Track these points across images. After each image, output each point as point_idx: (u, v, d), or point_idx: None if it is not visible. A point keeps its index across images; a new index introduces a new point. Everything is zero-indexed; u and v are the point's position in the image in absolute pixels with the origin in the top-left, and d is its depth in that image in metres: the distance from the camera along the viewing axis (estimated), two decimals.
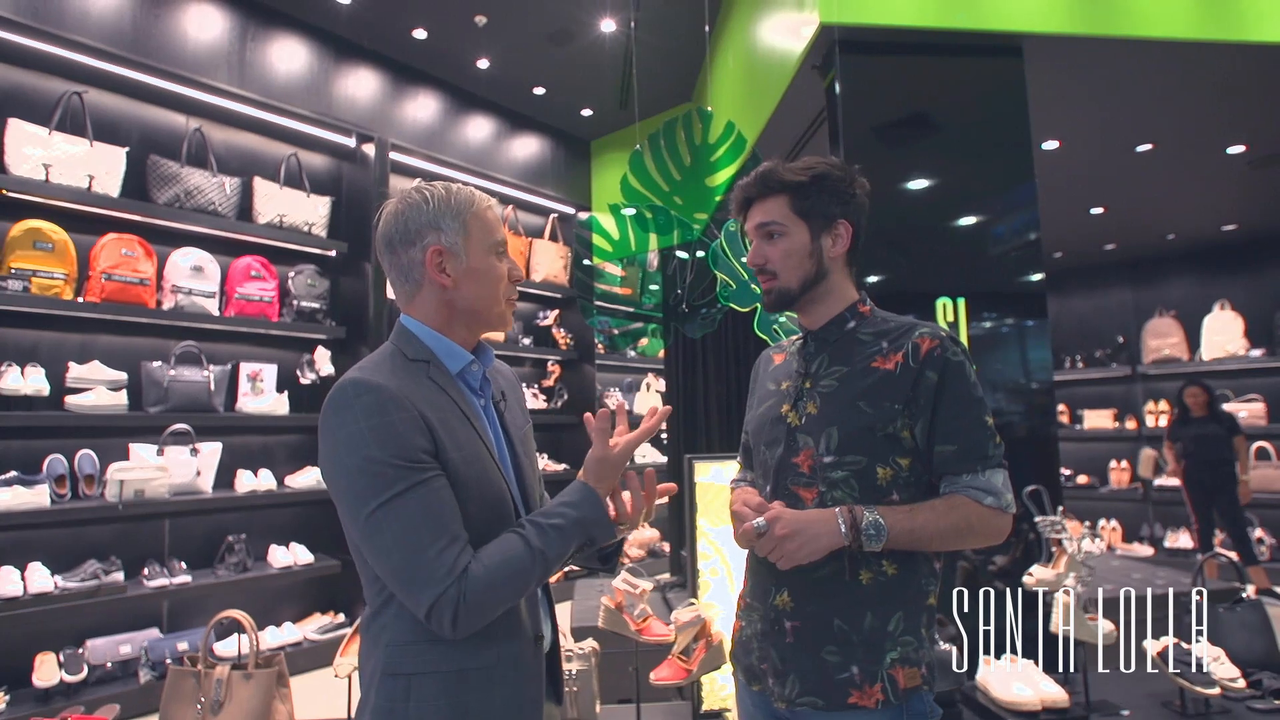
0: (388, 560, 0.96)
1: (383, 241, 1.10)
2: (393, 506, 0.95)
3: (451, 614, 0.93)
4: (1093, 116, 3.77)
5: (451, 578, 0.94)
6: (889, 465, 1.14)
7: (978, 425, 1.13)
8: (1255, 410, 6.14)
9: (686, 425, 4.76)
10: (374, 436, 0.96)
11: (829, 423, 1.15)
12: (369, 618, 1.05)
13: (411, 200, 1.09)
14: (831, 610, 1.12)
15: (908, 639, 1.11)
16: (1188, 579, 4.11)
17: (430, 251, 1.06)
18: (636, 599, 2.12)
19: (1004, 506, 1.13)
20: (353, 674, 2.07)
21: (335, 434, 0.99)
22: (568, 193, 5.71)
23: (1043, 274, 2.86)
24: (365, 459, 0.96)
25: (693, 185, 2.59)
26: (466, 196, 1.10)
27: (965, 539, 1.13)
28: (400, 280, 1.11)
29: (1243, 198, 5.30)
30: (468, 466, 1.02)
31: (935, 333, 1.16)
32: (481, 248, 1.09)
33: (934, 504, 1.12)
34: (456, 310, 1.09)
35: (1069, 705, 2.08)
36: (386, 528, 0.95)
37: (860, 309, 1.24)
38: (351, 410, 0.98)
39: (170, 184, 3.52)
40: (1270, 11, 2.94)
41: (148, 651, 3.18)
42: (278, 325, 3.91)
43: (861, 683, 1.09)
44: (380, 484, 0.95)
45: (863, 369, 1.17)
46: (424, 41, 4.40)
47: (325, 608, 4.02)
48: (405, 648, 1.01)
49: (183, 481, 3.45)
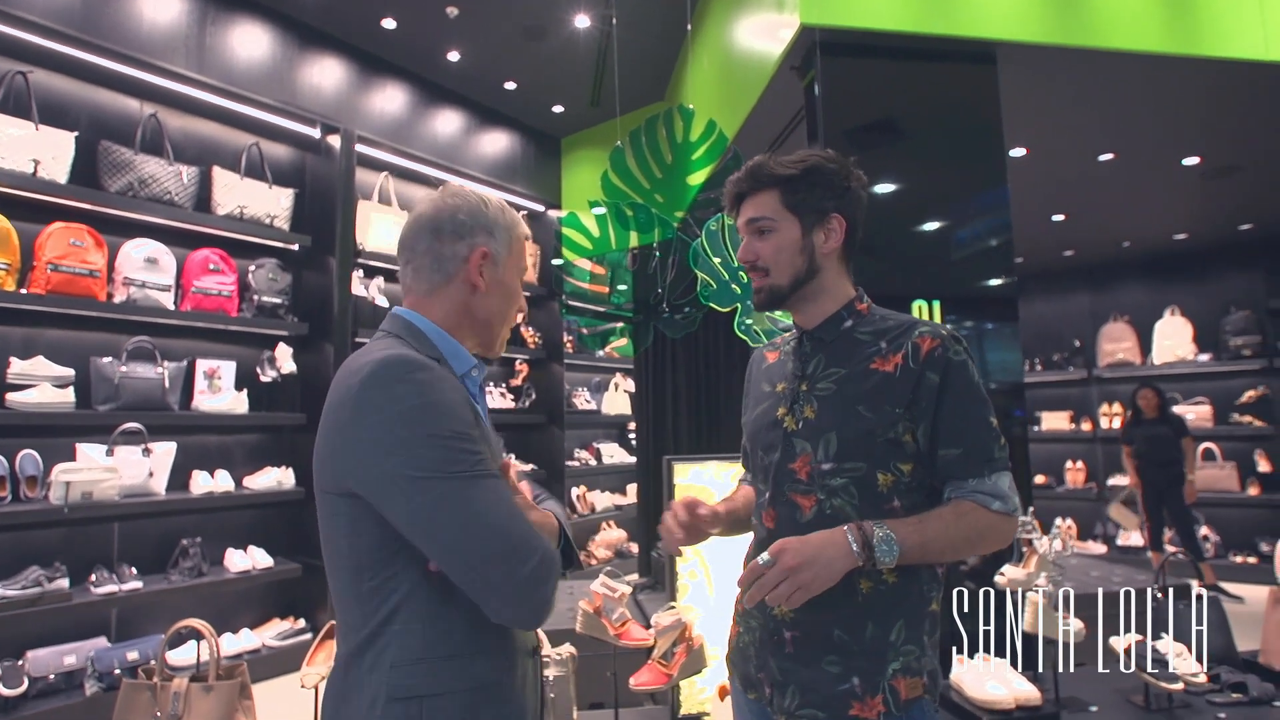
0: (471, 528, 0.88)
1: (429, 226, 1.06)
2: (475, 481, 0.90)
3: (551, 581, 0.91)
4: (1059, 125, 3.86)
5: (543, 543, 0.92)
6: (890, 471, 1.10)
7: (982, 427, 1.10)
8: (1202, 413, 6.39)
9: (656, 426, 4.74)
10: (437, 412, 0.91)
11: (827, 428, 1.11)
12: (362, 641, 0.94)
13: (470, 199, 1.09)
14: (832, 621, 1.08)
15: (910, 648, 1.09)
16: (1141, 576, 4.25)
17: (479, 251, 1.06)
18: (615, 603, 2.08)
19: (1011, 511, 1.09)
20: (319, 684, 1.99)
21: (382, 412, 0.90)
22: (538, 190, 5.64)
23: (1014, 278, 2.90)
24: (434, 434, 0.90)
25: (673, 183, 2.56)
26: (515, 217, 1.13)
27: (975, 547, 1.10)
28: (429, 270, 1.06)
29: (1194, 208, 5.50)
30: (493, 464, 1.00)
31: (936, 331, 1.11)
32: (516, 267, 1.11)
33: (941, 513, 1.08)
34: (474, 318, 1.08)
35: (1041, 703, 2.11)
36: (470, 496, 0.89)
37: (858, 307, 1.20)
38: (406, 384, 0.91)
39: (123, 171, 3.36)
40: (1231, 29, 3.04)
41: (94, 662, 3.03)
42: (237, 321, 3.76)
43: (863, 694, 1.06)
44: (454, 457, 0.90)
45: (861, 371, 1.12)
46: (393, 31, 4.29)
47: (285, 613, 3.88)
48: (415, 667, 0.92)
49: (134, 483, 3.29)
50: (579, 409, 5.92)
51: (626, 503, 5.94)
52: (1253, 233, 6.11)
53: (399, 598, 0.93)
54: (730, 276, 2.45)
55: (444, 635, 0.93)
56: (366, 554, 0.93)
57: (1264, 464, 6.15)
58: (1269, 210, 5.56)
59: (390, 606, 0.93)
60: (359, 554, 0.94)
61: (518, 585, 0.89)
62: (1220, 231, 6.13)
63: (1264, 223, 5.86)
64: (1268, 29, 3.08)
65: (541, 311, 5.69)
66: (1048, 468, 7.24)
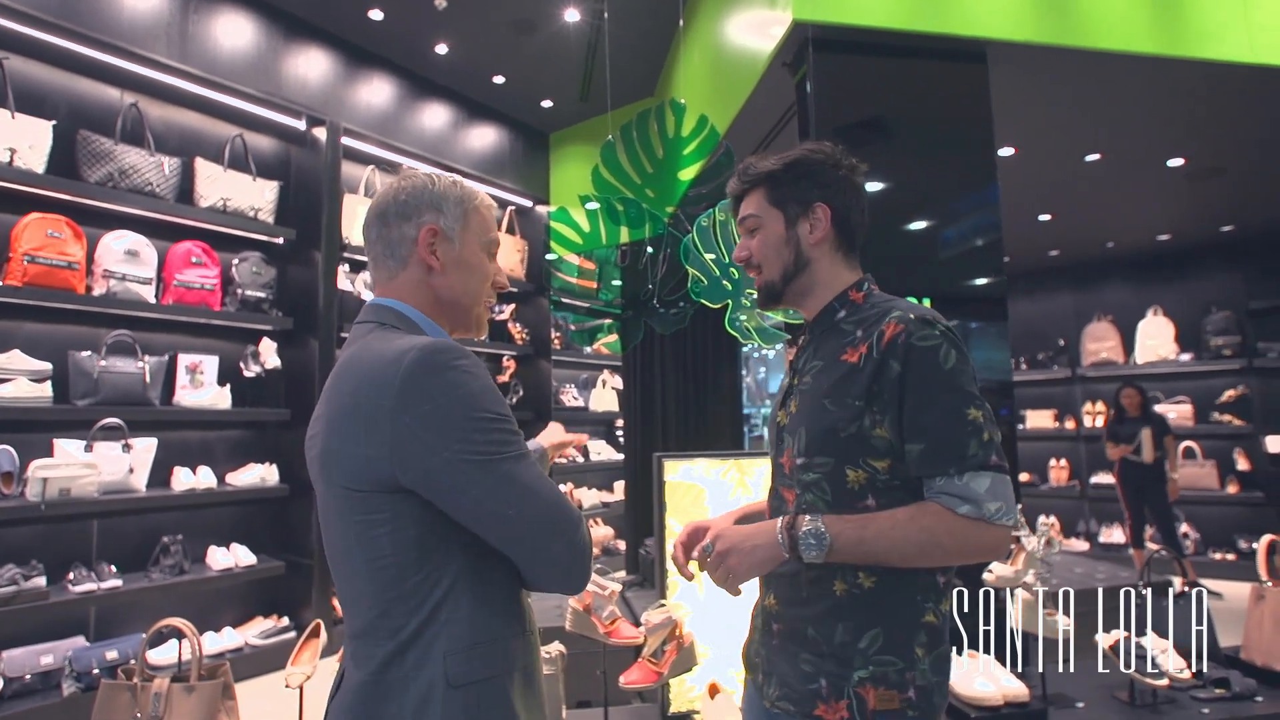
0: (532, 504, 0.92)
1: (375, 213, 1.06)
2: (524, 460, 0.94)
3: (589, 551, 0.96)
4: (1048, 125, 3.88)
5: (580, 513, 0.97)
6: (860, 467, 1.04)
7: (951, 420, 0.99)
8: (1184, 412, 6.47)
9: (644, 423, 4.73)
10: (488, 397, 0.93)
11: (800, 423, 1.10)
12: (407, 638, 0.91)
13: (416, 179, 1.06)
14: (807, 618, 1.07)
15: (887, 658, 1.02)
16: (1124, 573, 4.30)
17: (425, 229, 1.03)
18: (605, 600, 2.07)
19: (986, 516, 0.97)
20: (304, 684, 1.96)
21: (437, 398, 0.90)
22: (526, 185, 5.60)
23: (1004, 276, 2.91)
24: (487, 418, 0.92)
25: (664, 178, 2.55)
26: (471, 189, 1.09)
27: (932, 554, 1.00)
28: (384, 256, 1.05)
29: (1178, 209, 5.56)
30: None
31: (904, 316, 1.03)
32: (476, 241, 1.07)
33: (894, 513, 1.00)
34: (439, 300, 1.05)
35: (1029, 699, 2.12)
36: (523, 475, 0.93)
37: (852, 296, 1.15)
38: (457, 370, 0.92)
39: (102, 162, 3.29)
40: (1217, 31, 3.06)
41: (72, 662, 2.97)
42: (220, 315, 3.70)
43: (828, 696, 1.03)
44: (507, 439, 0.93)
45: (833, 363, 1.09)
46: (380, 23, 4.23)
47: (269, 611, 3.84)
48: (470, 652, 0.92)
49: (113, 479, 3.23)
50: (566, 406, 5.89)
51: (614, 500, 5.92)
52: (1234, 234, 6.19)
53: (445, 588, 0.92)
54: (721, 272, 2.43)
55: (487, 620, 0.94)
56: (413, 549, 0.91)
57: (1243, 462, 6.24)
58: (1250, 212, 5.63)
59: (438, 597, 0.92)
60: (404, 550, 0.91)
61: (577, 552, 0.94)
62: (1202, 233, 6.20)
63: (1245, 224, 5.94)
64: (1252, 32, 3.11)
65: (529, 307, 5.66)
66: (1032, 466, 7.31)
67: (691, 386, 4.69)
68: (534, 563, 0.94)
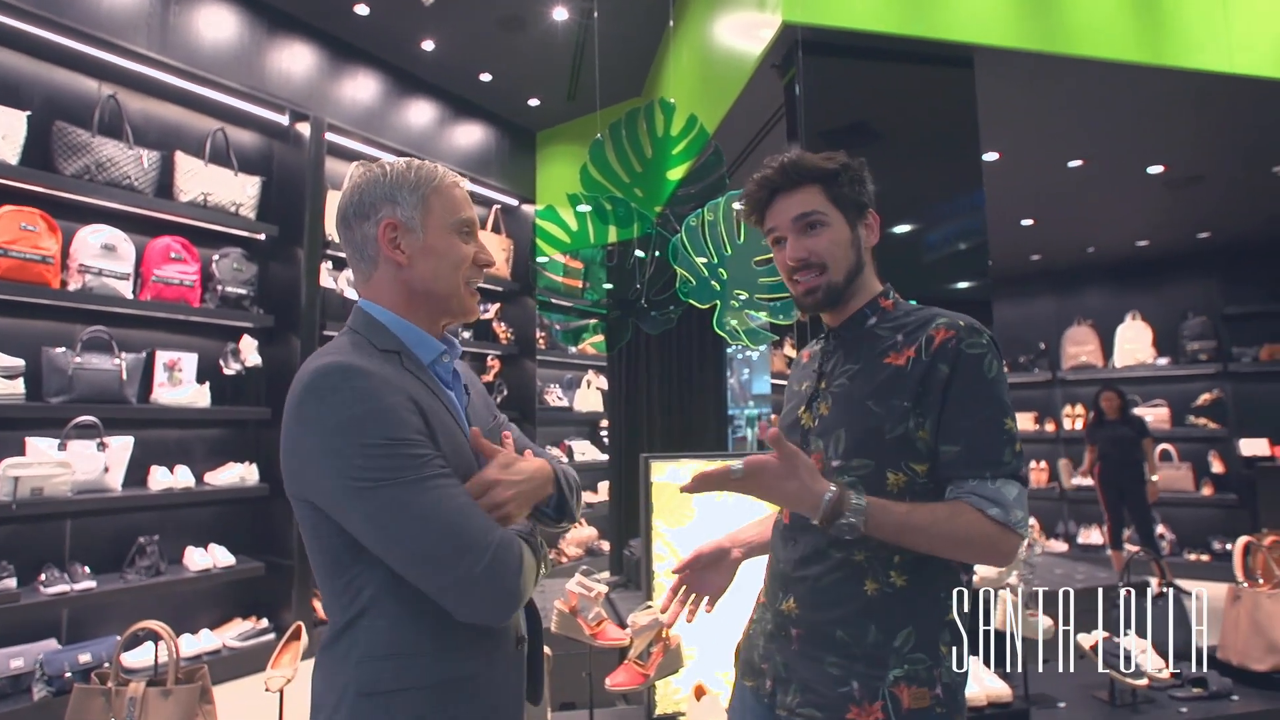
0: (417, 534, 0.88)
1: (339, 218, 1.04)
2: (421, 486, 0.88)
3: (508, 574, 0.90)
4: (1032, 131, 3.92)
5: (498, 534, 0.91)
6: (901, 470, 1.05)
7: (991, 426, 1.02)
8: (1160, 415, 6.57)
9: (629, 424, 4.72)
10: (374, 421, 0.88)
11: (837, 425, 1.09)
12: (334, 634, 0.95)
13: (370, 173, 1.03)
14: (835, 620, 1.06)
15: (918, 656, 1.04)
16: (1102, 573, 4.35)
17: (383, 225, 1.00)
18: (591, 602, 2.05)
19: (1012, 523, 1.00)
20: (285, 687, 1.93)
21: (323, 423, 0.89)
22: (512, 184, 5.57)
23: (989, 280, 2.94)
24: (372, 443, 0.88)
25: (653, 178, 2.53)
26: (428, 171, 1.04)
27: (961, 551, 1.03)
28: (356, 259, 1.04)
29: (1157, 216, 5.65)
30: (454, 458, 0.96)
31: (953, 322, 1.06)
32: (442, 225, 1.02)
33: (936, 507, 1.02)
34: (414, 292, 1.02)
35: (1012, 700, 2.14)
36: (415, 502, 0.88)
37: (882, 303, 1.16)
38: (339, 395, 0.89)
39: (79, 154, 3.22)
40: (1198, 41, 3.11)
41: (43, 665, 2.90)
42: (199, 311, 3.64)
43: (861, 699, 1.02)
44: (396, 464, 0.88)
45: (874, 366, 1.09)
46: (366, 18, 4.19)
47: (247, 612, 3.77)
48: (383, 662, 0.92)
49: (88, 479, 3.16)
50: (551, 406, 5.87)
51: (598, 500, 5.90)
52: (1210, 241, 6.30)
53: (367, 596, 0.93)
54: (710, 273, 2.43)
55: (411, 632, 0.92)
56: (332, 555, 0.94)
57: (1217, 465, 6.35)
58: (1226, 220, 5.73)
59: (362, 603, 0.93)
60: (325, 554, 0.94)
61: (471, 585, 0.88)
62: (1180, 239, 6.31)
63: (1221, 231, 6.04)
64: (1232, 42, 3.16)
65: (514, 306, 5.62)
66: None
67: (676, 387, 4.69)
68: (429, 592, 0.90)
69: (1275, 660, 2.26)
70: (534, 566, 0.97)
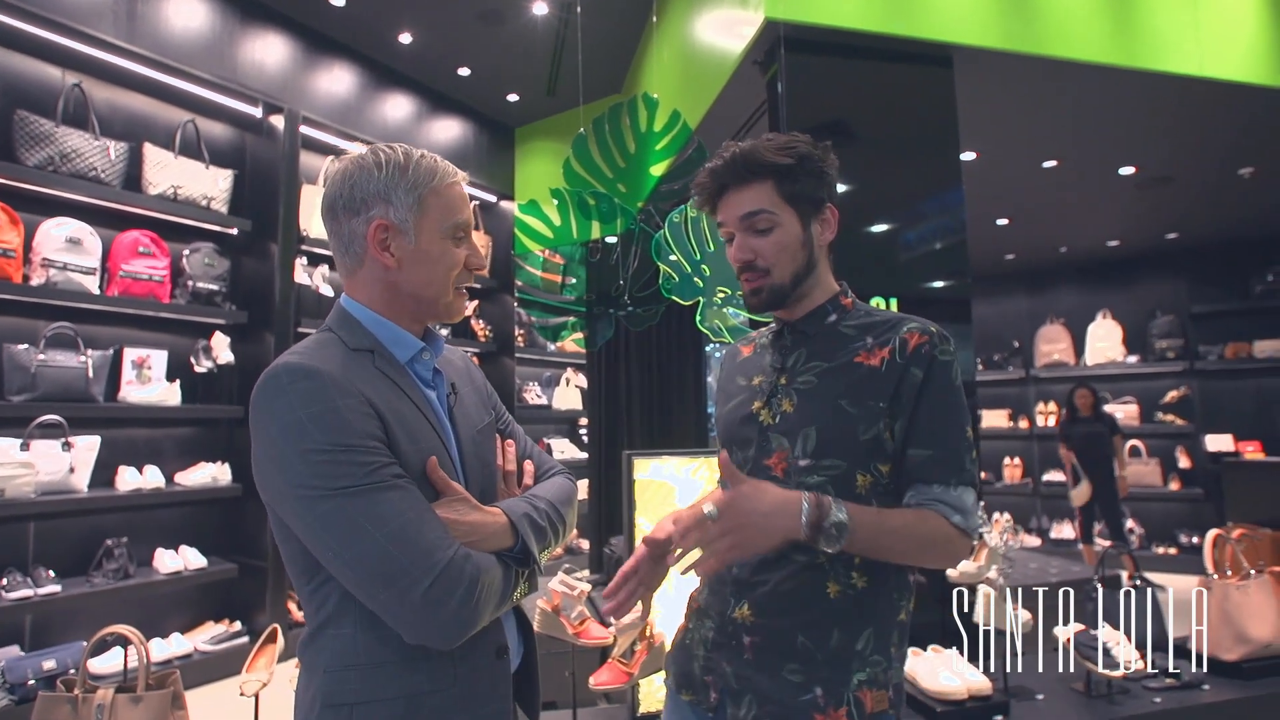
0: (355, 547, 0.82)
1: (325, 206, 0.99)
2: (363, 495, 0.83)
3: (455, 597, 0.84)
4: (1009, 131, 3.97)
5: (454, 551, 0.85)
6: (869, 472, 1.04)
7: (957, 434, 1.03)
8: (1130, 411, 6.71)
9: (609, 421, 4.70)
10: (318, 426, 0.84)
11: (807, 422, 1.05)
12: (305, 639, 0.94)
13: (364, 163, 0.97)
14: (795, 626, 1.02)
15: (877, 659, 1.02)
16: (1076, 567, 4.43)
17: (375, 225, 0.95)
18: (574, 601, 2.03)
19: (970, 529, 1.01)
20: (260, 692, 1.88)
21: (269, 426, 0.86)
22: (490, 180, 5.52)
23: (968, 279, 2.96)
24: (314, 449, 0.84)
25: (636, 173, 2.52)
26: (428, 168, 0.98)
27: (923, 554, 1.03)
28: (341, 252, 0.99)
29: (1127, 217, 5.76)
30: (422, 463, 0.92)
31: (925, 328, 1.06)
32: (436, 229, 0.97)
33: (905, 513, 1.02)
34: (401, 294, 0.98)
35: (992, 693, 2.16)
36: (357, 513, 0.83)
37: (842, 301, 1.15)
38: (287, 397, 0.86)
39: (42, 144, 3.12)
40: (1173, 43, 3.17)
41: (5, 673, 2.81)
42: (169, 308, 3.55)
43: (825, 705, 0.99)
44: (339, 472, 0.84)
45: (845, 365, 1.07)
46: (342, 9, 4.11)
47: (219, 615, 3.69)
48: (346, 673, 0.89)
49: (52, 479, 3.07)
50: (530, 404, 5.82)
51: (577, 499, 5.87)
52: (1178, 241, 6.45)
53: (333, 604, 0.90)
54: (693, 269, 2.42)
55: (378, 642, 0.89)
56: (300, 559, 0.91)
57: (1184, 460, 6.50)
58: (1193, 221, 5.86)
59: (327, 611, 0.91)
60: (294, 560, 0.92)
61: (411, 607, 0.83)
62: (1149, 240, 6.44)
63: (1188, 232, 6.18)
64: (1202, 46, 3.22)
65: (493, 304, 5.57)
66: (987, 464, 7.49)
67: (656, 385, 4.67)
68: (375, 610, 0.85)
69: (1244, 650, 2.31)
70: (500, 588, 0.91)
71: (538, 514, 1.01)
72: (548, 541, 1.02)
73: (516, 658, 1.05)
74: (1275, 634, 2.33)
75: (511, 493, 1.08)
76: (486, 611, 0.89)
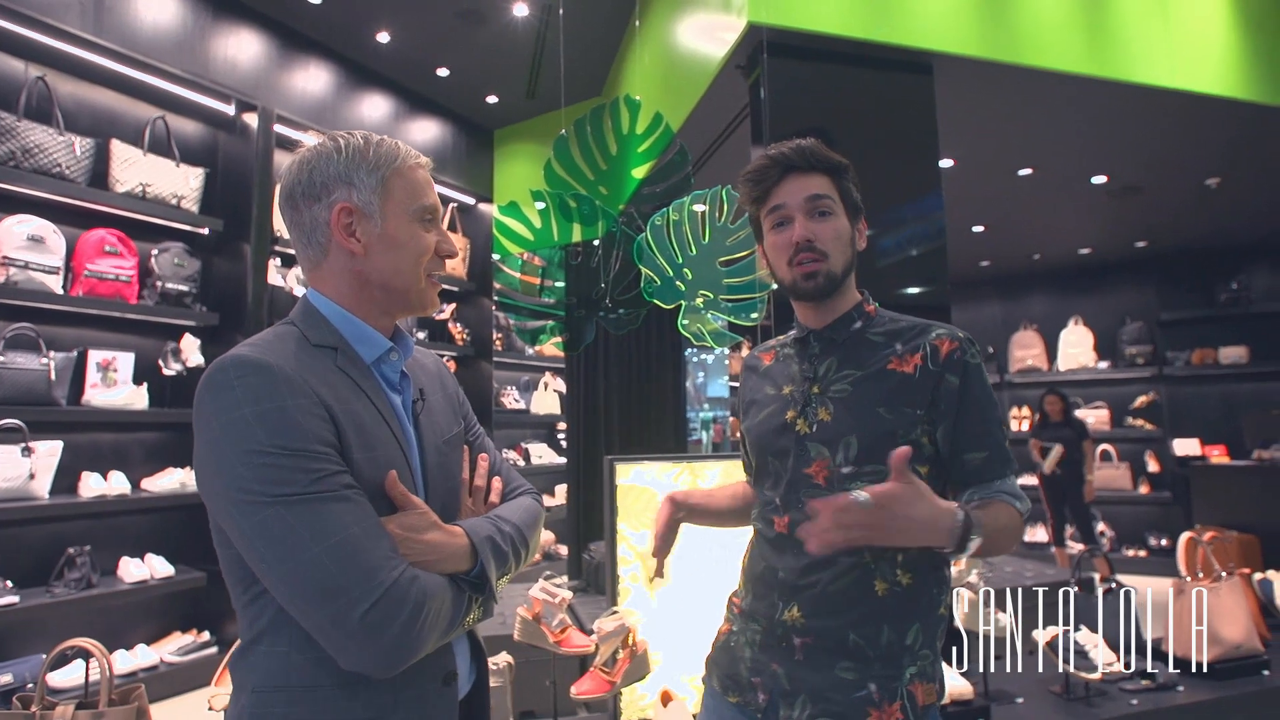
0: (291, 559, 0.76)
1: (283, 196, 0.93)
2: (305, 504, 0.77)
3: (398, 622, 0.77)
4: (986, 139, 4.02)
5: (400, 572, 0.79)
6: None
7: (1001, 431, 1.10)
8: (1101, 416, 6.83)
9: (587, 426, 4.66)
10: (263, 425, 0.78)
11: (847, 431, 1.08)
12: (237, 654, 0.87)
13: (323, 149, 0.92)
14: (846, 625, 1.05)
15: (925, 653, 1.06)
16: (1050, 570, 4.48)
17: (337, 210, 0.90)
18: (555, 608, 2.00)
19: (1027, 511, 1.09)
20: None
21: (211, 423, 0.80)
22: (468, 182, 5.47)
23: (947, 284, 2.99)
24: (257, 450, 0.78)
25: (618, 175, 2.50)
26: (390, 150, 0.94)
27: (1008, 545, 1.08)
28: (303, 244, 0.94)
29: (1099, 225, 5.87)
30: (376, 472, 0.86)
31: (953, 334, 1.09)
32: (402, 212, 0.93)
33: (993, 508, 1.04)
34: (368, 284, 0.93)
35: (973, 696, 2.16)
36: (298, 521, 0.76)
37: (866, 308, 1.17)
38: (232, 393, 0.80)
39: (3, 139, 3.02)
40: (1145, 54, 3.23)
41: None
42: (136, 309, 3.45)
43: (880, 701, 1.02)
44: (282, 477, 0.77)
45: (878, 372, 1.10)
46: (318, 7, 4.05)
47: (187, 625, 3.59)
48: (276, 694, 0.82)
49: (11, 485, 2.96)
50: (507, 408, 5.77)
51: (555, 504, 5.83)
52: (1147, 250, 6.59)
53: (269, 618, 0.84)
54: (675, 273, 2.40)
55: (313, 663, 0.82)
56: (236, 567, 0.85)
57: (1153, 464, 6.63)
58: (1162, 230, 6.00)
59: (261, 625, 0.84)
60: (230, 568, 0.86)
61: (347, 631, 0.76)
62: (1119, 247, 6.58)
63: (1157, 240, 6.32)
64: (1174, 58, 3.29)
65: (470, 307, 5.52)
66: None
67: (635, 390, 4.65)
68: (309, 630, 0.79)
69: (1216, 651, 2.34)
70: (450, 614, 0.85)
71: (501, 538, 0.94)
72: (508, 568, 0.95)
73: (467, 684, 0.99)
74: (1245, 635, 2.37)
75: (478, 510, 1.02)
76: (431, 639, 0.82)
